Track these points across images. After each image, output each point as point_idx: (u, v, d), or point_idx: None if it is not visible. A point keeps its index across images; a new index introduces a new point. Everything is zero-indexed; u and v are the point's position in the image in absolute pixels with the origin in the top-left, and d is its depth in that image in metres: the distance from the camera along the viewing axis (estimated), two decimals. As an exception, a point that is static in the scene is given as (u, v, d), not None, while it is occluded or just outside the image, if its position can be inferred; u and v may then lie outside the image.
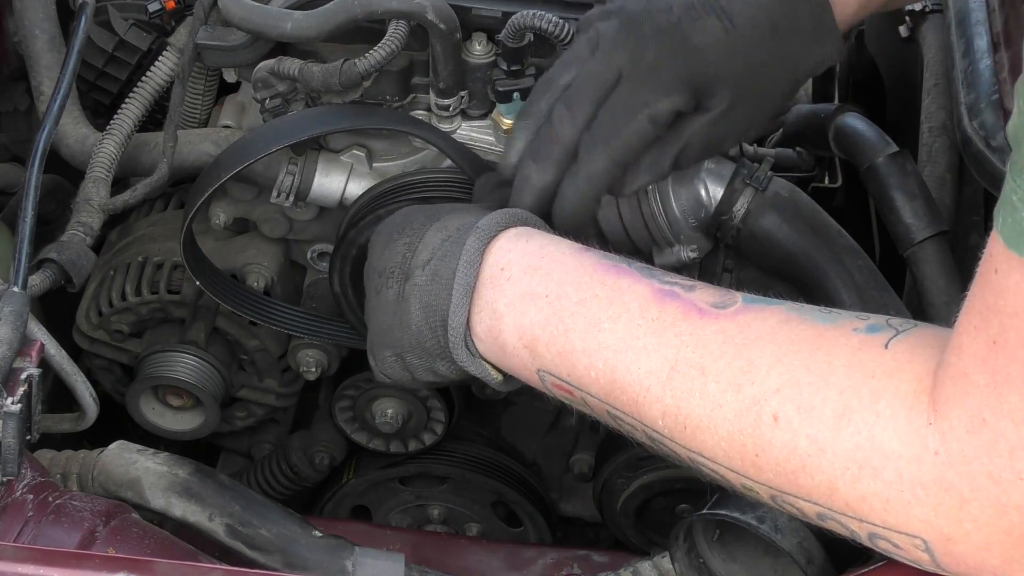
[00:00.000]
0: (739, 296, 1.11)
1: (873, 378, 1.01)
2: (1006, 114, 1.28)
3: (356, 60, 1.35)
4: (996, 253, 0.93)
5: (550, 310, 1.15)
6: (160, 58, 1.58)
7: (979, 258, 0.96)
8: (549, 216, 1.27)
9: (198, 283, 1.49)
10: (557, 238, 1.22)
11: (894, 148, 1.46)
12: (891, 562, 1.10)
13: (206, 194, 1.42)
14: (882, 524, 1.01)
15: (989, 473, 0.95)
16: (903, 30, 1.74)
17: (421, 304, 1.22)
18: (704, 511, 1.24)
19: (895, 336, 1.04)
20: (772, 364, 1.05)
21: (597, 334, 1.13)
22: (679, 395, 1.08)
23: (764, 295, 1.12)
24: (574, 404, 1.18)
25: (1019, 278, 0.92)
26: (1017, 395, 0.92)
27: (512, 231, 1.22)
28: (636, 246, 1.48)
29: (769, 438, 1.04)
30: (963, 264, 1.39)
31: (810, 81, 1.66)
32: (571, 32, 1.32)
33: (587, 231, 1.29)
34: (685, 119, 1.25)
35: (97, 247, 1.54)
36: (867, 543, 1.04)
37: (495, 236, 1.20)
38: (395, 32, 1.35)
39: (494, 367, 1.22)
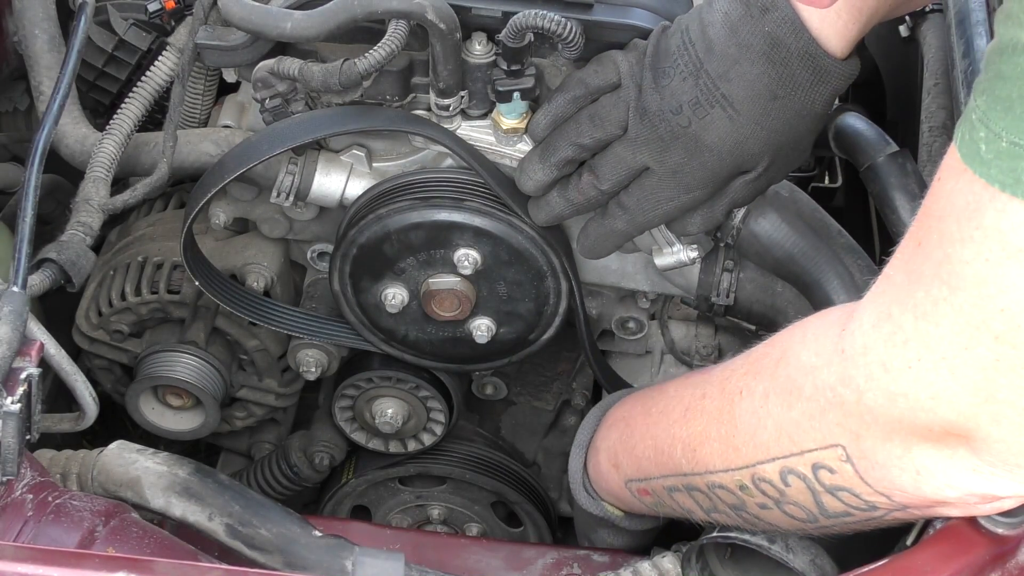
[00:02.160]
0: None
1: (810, 321, 1.16)
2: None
3: (356, 60, 1.35)
4: (947, 164, 0.99)
5: (624, 429, 1.39)
6: (160, 58, 1.58)
7: None
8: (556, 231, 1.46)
9: (197, 283, 1.49)
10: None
11: (894, 148, 1.46)
12: (891, 562, 1.10)
13: (208, 195, 1.42)
14: (815, 446, 1.11)
15: (882, 362, 1.03)
16: (903, 30, 1.74)
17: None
18: (715, 534, 1.23)
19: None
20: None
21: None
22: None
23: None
24: (659, 506, 1.36)
25: (954, 185, 0.98)
26: (923, 291, 1.00)
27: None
28: (637, 246, 1.48)
29: (741, 408, 1.18)
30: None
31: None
32: (573, 31, 1.32)
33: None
34: (731, 180, 1.35)
35: (97, 247, 1.54)
36: (816, 482, 1.12)
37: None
38: (395, 32, 1.35)
39: (614, 506, 1.46)
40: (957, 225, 0.97)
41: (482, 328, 1.52)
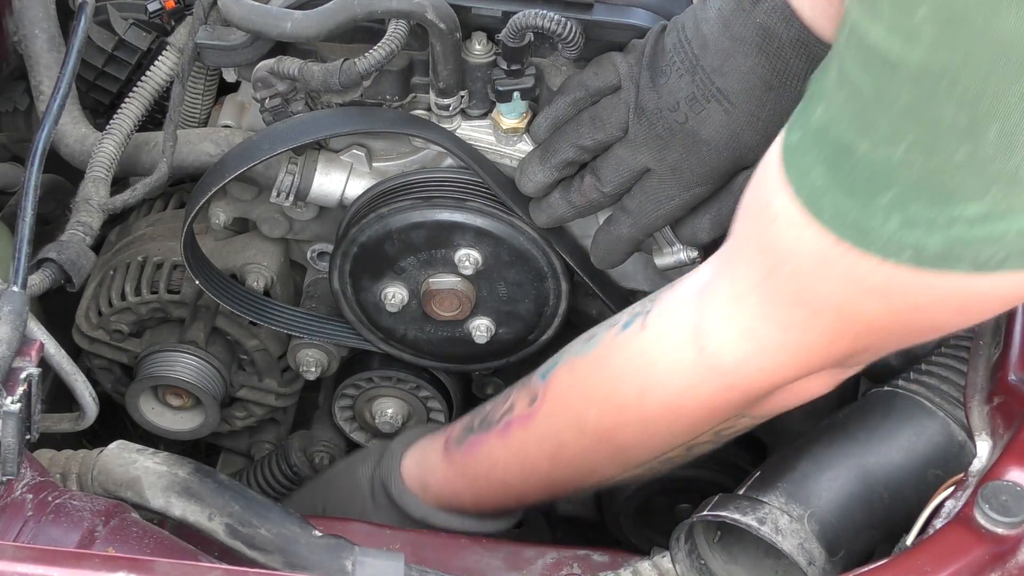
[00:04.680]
0: (538, 378, 1.34)
1: (644, 353, 1.22)
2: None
3: (356, 60, 1.35)
4: (778, 203, 1.04)
5: (474, 495, 1.46)
6: (160, 58, 1.58)
7: None
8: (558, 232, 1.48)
9: (198, 283, 1.49)
10: (424, 459, 1.50)
11: (894, 148, 1.46)
12: (891, 562, 1.10)
13: (208, 194, 1.42)
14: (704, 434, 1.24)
15: (761, 368, 1.15)
16: (903, 30, 1.74)
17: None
18: (705, 513, 1.23)
19: (647, 316, 1.23)
20: (586, 404, 1.30)
21: (507, 487, 1.43)
22: (567, 465, 1.36)
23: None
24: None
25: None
26: (785, 311, 1.09)
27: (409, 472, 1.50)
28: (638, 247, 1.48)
29: (622, 440, 1.28)
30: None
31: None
32: (573, 31, 1.32)
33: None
34: (732, 177, 1.35)
35: (97, 247, 1.54)
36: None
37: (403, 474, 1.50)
38: (395, 32, 1.35)
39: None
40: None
41: (481, 328, 1.53)
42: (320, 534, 1.35)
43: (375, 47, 1.35)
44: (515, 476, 1.39)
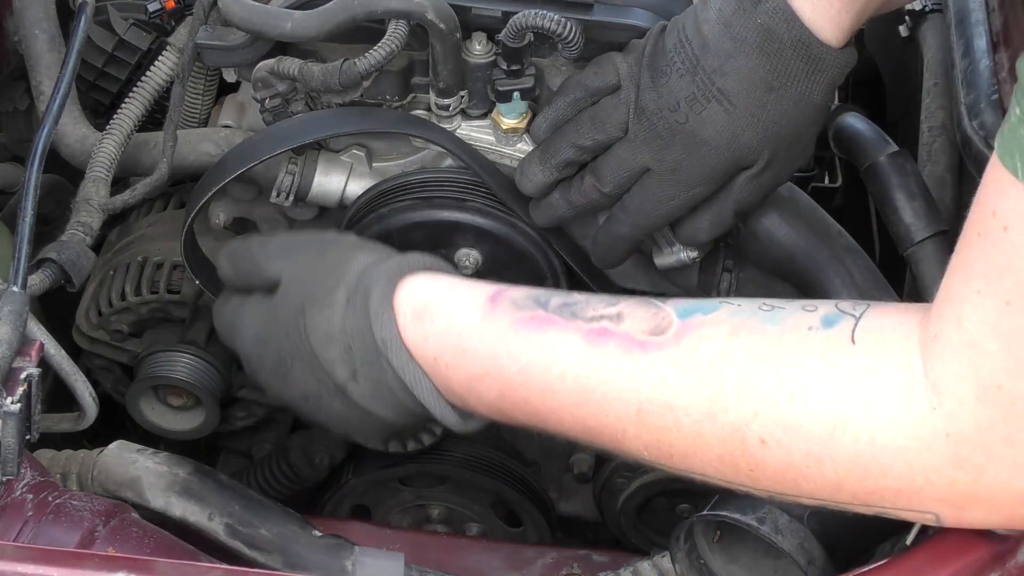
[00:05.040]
0: (671, 311, 1.08)
1: (855, 382, 0.99)
2: (1006, 114, 1.29)
3: (356, 60, 1.35)
4: (1007, 208, 0.88)
5: (501, 387, 1.14)
6: (160, 58, 1.58)
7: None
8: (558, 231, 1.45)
9: (198, 282, 1.49)
10: (452, 302, 1.18)
11: (894, 148, 1.46)
12: (891, 562, 1.10)
13: (209, 194, 1.42)
14: (893, 507, 1.01)
15: (1005, 437, 0.93)
16: (903, 30, 1.74)
17: (385, 406, 1.21)
18: (705, 512, 1.24)
19: (856, 325, 1.01)
20: (740, 388, 1.02)
21: (554, 396, 1.12)
22: (656, 431, 1.07)
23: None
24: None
25: None
26: None
27: (409, 307, 1.19)
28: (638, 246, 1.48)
29: (761, 457, 1.03)
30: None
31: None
32: (573, 31, 1.32)
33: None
34: (733, 177, 1.34)
35: (97, 247, 1.54)
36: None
37: (398, 320, 1.18)
38: (395, 32, 1.35)
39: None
40: None
41: (482, 328, 1.52)
42: (320, 534, 1.36)
43: (375, 47, 1.35)
44: (567, 394, 1.10)
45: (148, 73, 1.58)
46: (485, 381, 1.15)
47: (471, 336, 1.15)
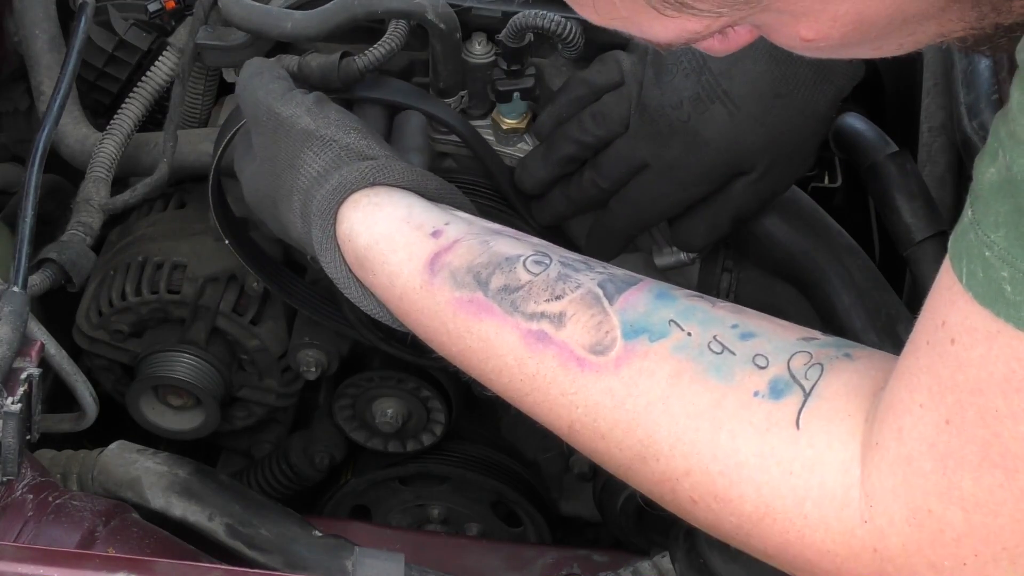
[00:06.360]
0: (617, 323, 1.02)
1: (792, 475, 0.94)
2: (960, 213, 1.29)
3: (355, 56, 1.35)
4: (955, 320, 0.85)
5: (442, 352, 1.14)
6: (160, 58, 1.58)
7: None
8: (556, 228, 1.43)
9: (227, 242, 1.45)
10: (391, 255, 1.15)
11: (894, 148, 1.46)
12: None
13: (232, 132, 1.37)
14: None
15: (931, 564, 0.90)
16: (903, 30, 1.74)
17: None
18: None
19: (804, 404, 0.95)
20: (673, 443, 0.98)
21: (491, 384, 1.10)
22: (588, 450, 1.04)
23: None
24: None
25: (986, 349, 0.83)
26: (971, 479, 0.86)
27: (351, 248, 1.17)
28: (637, 246, 1.48)
29: (691, 511, 1.00)
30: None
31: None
32: (573, 31, 1.32)
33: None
34: (731, 182, 1.33)
35: (97, 247, 1.54)
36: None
37: (346, 259, 1.18)
38: (395, 31, 1.35)
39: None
40: (1003, 399, 0.83)
41: (482, 328, 1.52)
42: (320, 534, 1.36)
43: (375, 45, 1.35)
44: (503, 388, 1.09)
45: (148, 73, 1.58)
46: (428, 342, 1.15)
47: (412, 303, 1.13)
